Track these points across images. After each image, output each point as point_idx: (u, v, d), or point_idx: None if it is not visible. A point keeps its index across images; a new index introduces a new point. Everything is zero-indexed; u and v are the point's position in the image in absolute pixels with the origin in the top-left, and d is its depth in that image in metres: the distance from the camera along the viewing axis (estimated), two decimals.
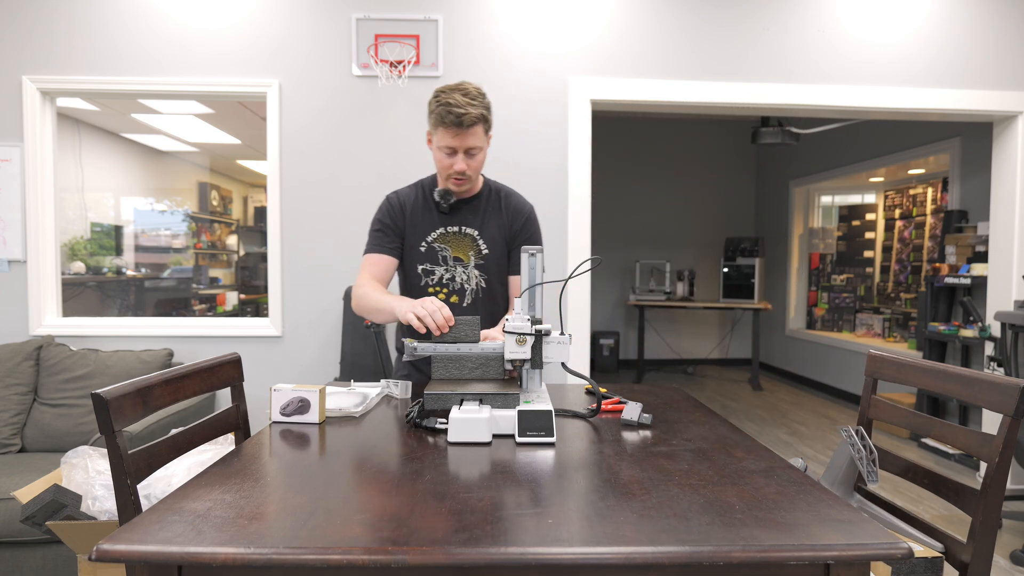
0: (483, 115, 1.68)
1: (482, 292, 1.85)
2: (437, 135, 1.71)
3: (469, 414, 1.23)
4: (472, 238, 1.84)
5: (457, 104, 1.64)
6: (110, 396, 1.14)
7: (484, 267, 1.85)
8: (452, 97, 1.64)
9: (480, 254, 1.84)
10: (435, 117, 1.68)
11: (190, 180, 6.67)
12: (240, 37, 2.97)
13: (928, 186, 5.31)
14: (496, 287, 1.87)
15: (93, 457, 1.69)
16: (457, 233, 1.84)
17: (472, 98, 1.66)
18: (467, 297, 1.85)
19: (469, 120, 1.65)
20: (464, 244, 1.84)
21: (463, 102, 1.64)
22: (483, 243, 1.84)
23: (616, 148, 7.43)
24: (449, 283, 1.84)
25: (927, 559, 1.20)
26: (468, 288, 1.84)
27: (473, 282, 1.84)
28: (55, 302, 3.01)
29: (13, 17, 2.91)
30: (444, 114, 1.64)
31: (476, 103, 1.66)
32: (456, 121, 1.64)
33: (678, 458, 1.15)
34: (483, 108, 1.68)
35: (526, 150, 3.07)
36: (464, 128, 1.66)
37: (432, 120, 1.70)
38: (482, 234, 1.84)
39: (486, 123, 1.71)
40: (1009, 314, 3.08)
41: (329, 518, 0.87)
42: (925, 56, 3.20)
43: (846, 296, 6.25)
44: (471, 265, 1.84)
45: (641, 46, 3.10)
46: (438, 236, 1.83)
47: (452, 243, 1.84)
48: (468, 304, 1.85)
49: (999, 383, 1.23)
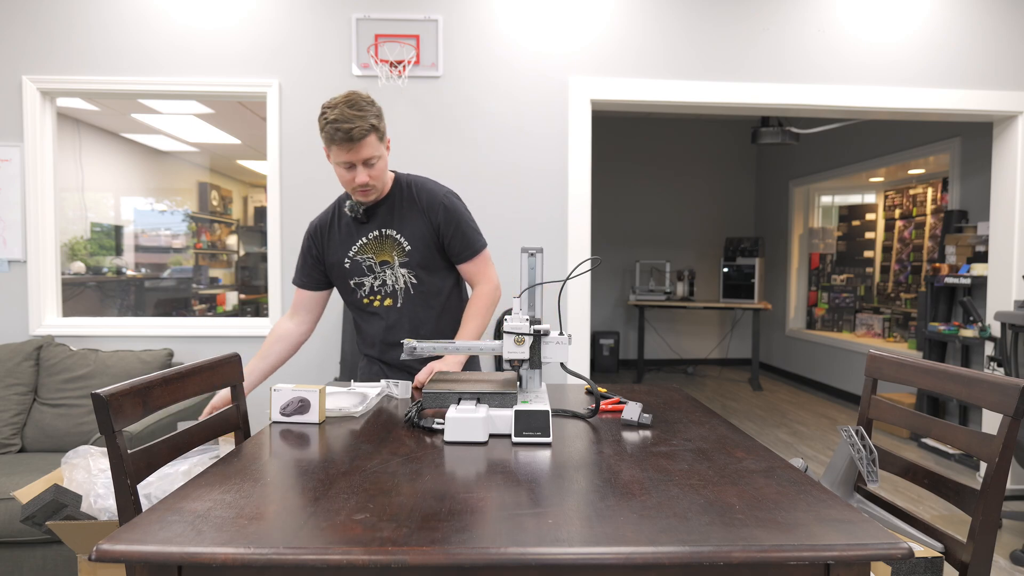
0: (373, 125, 1.66)
1: (412, 288, 1.85)
2: (332, 152, 1.69)
3: (466, 413, 1.23)
4: (392, 238, 1.83)
5: (344, 119, 1.62)
6: (110, 396, 1.14)
7: (408, 264, 1.84)
8: (337, 112, 1.62)
9: (403, 252, 1.83)
10: (325, 135, 1.66)
11: (190, 180, 6.67)
12: (240, 37, 2.97)
13: (928, 186, 5.31)
14: (427, 280, 1.86)
15: (95, 456, 1.69)
16: (378, 237, 1.83)
17: (359, 109, 1.64)
18: (399, 297, 1.85)
19: (359, 133, 1.63)
20: (386, 246, 1.84)
21: (349, 115, 1.62)
22: (404, 240, 1.83)
23: (616, 148, 7.43)
24: (381, 289, 1.85)
25: (927, 559, 1.20)
26: (398, 288, 1.85)
27: (401, 281, 1.85)
28: (55, 302, 3.01)
29: (13, 17, 2.91)
30: (332, 132, 1.63)
31: (363, 114, 1.64)
32: (346, 137, 1.63)
33: (678, 458, 1.15)
34: (372, 117, 1.66)
35: (526, 150, 3.07)
36: (355, 142, 1.65)
37: (323, 138, 1.68)
38: (402, 232, 1.83)
39: (377, 132, 1.69)
40: (1009, 314, 3.08)
41: (329, 518, 0.87)
42: (925, 56, 3.20)
43: (846, 296, 6.25)
44: (396, 265, 1.84)
45: (641, 46, 3.10)
46: (359, 247, 1.84)
47: (374, 249, 1.84)
48: (401, 303, 1.85)
49: (999, 383, 1.23)
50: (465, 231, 1.84)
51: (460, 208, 1.85)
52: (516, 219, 3.08)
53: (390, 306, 1.86)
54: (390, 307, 1.86)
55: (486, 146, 3.06)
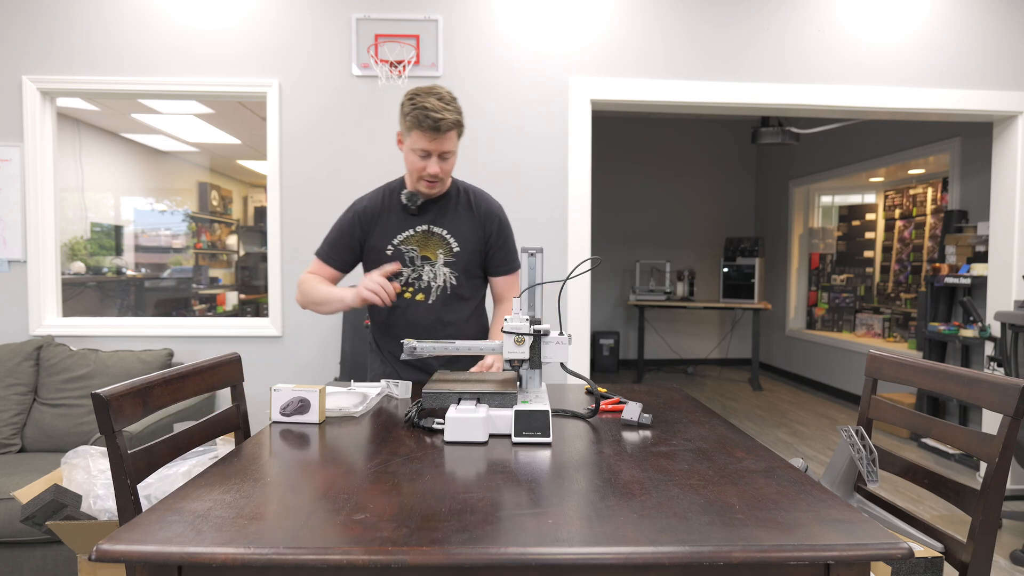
0: (458, 120, 1.72)
1: (451, 289, 1.87)
2: (411, 137, 1.72)
3: (466, 413, 1.23)
4: (441, 237, 1.85)
5: (434, 108, 1.67)
6: (110, 396, 1.14)
7: (455, 264, 1.86)
8: (428, 101, 1.67)
9: (451, 252, 1.85)
10: (411, 119, 1.69)
11: (190, 180, 6.67)
12: (240, 37, 2.97)
13: (928, 186, 5.31)
14: (466, 285, 1.89)
15: (94, 456, 1.69)
16: (426, 232, 1.85)
17: (447, 103, 1.70)
18: (433, 294, 1.86)
19: (446, 125, 1.68)
20: (432, 243, 1.85)
21: (439, 106, 1.67)
22: (453, 241, 1.85)
23: (616, 148, 7.43)
24: (415, 282, 1.86)
25: (927, 559, 1.20)
26: (435, 286, 1.86)
27: (441, 279, 1.86)
28: (55, 302, 3.01)
29: (13, 17, 2.91)
30: (422, 118, 1.67)
31: (451, 108, 1.70)
32: (433, 126, 1.67)
33: (678, 458, 1.15)
34: (458, 113, 1.72)
35: (526, 150, 3.07)
36: (441, 133, 1.69)
37: (407, 122, 1.71)
38: (452, 233, 1.86)
39: (460, 127, 1.75)
40: (1009, 314, 3.08)
41: (329, 518, 0.87)
42: (925, 56, 3.20)
43: (846, 296, 6.25)
44: (439, 263, 1.85)
45: (641, 46, 3.10)
46: (405, 238, 1.84)
47: (420, 243, 1.85)
48: (433, 301, 1.86)
49: (999, 383, 1.23)
50: (511, 247, 1.93)
51: (510, 225, 1.95)
52: (516, 219, 3.08)
53: (421, 301, 1.86)
54: (421, 302, 1.86)
55: (486, 146, 3.06)
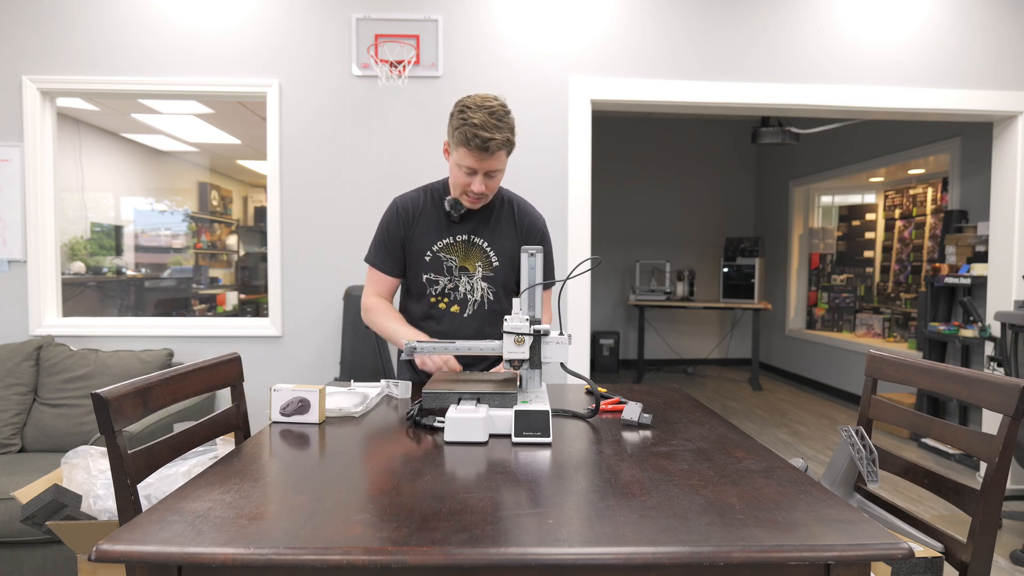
0: (508, 139, 1.62)
1: (488, 304, 1.81)
2: (458, 153, 1.63)
3: (466, 413, 1.23)
4: (481, 248, 1.79)
5: (484, 127, 1.57)
6: (110, 396, 1.14)
7: (493, 279, 1.79)
8: (478, 116, 1.57)
9: (490, 266, 1.79)
10: (459, 136, 1.60)
11: (190, 180, 6.67)
12: (240, 37, 2.97)
13: (928, 186, 5.30)
14: (503, 301, 1.82)
15: (94, 456, 1.69)
16: (465, 242, 1.78)
17: (499, 119, 1.59)
18: (469, 308, 1.80)
19: (495, 146, 1.59)
20: (472, 254, 1.79)
21: (490, 124, 1.57)
22: (493, 254, 1.79)
23: (616, 148, 7.43)
24: (451, 293, 1.79)
25: (927, 559, 1.20)
26: (471, 299, 1.79)
27: (478, 293, 1.79)
28: (55, 302, 3.01)
29: (13, 17, 2.91)
30: (471, 136, 1.57)
31: (503, 125, 1.60)
32: (482, 146, 1.58)
33: (678, 458, 1.15)
34: (509, 131, 1.62)
35: (526, 150, 3.07)
36: (489, 153, 1.60)
37: (455, 137, 1.62)
38: (492, 245, 1.79)
39: (510, 146, 1.65)
40: (1009, 314, 3.08)
41: (329, 518, 0.87)
42: (925, 56, 3.20)
43: (846, 296, 6.25)
44: (477, 276, 1.79)
45: (641, 46, 3.10)
46: (444, 246, 1.77)
47: (459, 253, 1.78)
48: (469, 315, 1.80)
49: (999, 383, 1.23)
50: (549, 263, 1.84)
51: (550, 241, 1.90)
52: None
53: (456, 313, 1.80)
54: (456, 314, 1.80)
55: None
